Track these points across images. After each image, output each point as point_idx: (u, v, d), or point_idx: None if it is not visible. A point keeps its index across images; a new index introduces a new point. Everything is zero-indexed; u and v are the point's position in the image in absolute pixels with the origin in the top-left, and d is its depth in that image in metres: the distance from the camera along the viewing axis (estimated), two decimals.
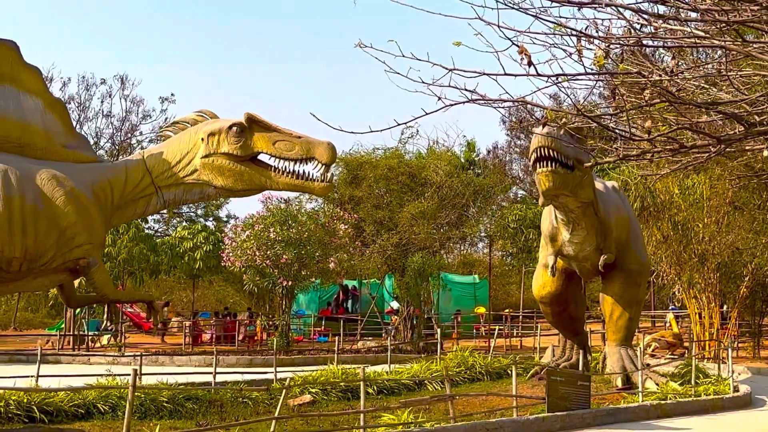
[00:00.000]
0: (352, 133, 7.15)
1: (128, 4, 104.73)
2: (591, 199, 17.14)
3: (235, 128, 11.84)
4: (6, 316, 46.28)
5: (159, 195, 12.29)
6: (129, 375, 11.66)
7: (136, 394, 11.27)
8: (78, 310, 32.59)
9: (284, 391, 13.09)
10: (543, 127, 15.39)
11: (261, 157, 11.93)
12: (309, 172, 11.81)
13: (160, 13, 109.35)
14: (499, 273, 56.56)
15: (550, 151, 15.20)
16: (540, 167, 15.45)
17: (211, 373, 17.53)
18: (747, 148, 7.85)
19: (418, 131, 42.83)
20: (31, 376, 16.64)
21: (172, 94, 62.42)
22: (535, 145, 15.36)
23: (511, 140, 61.87)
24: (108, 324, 33.18)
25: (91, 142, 36.75)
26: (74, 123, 12.52)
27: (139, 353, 25.26)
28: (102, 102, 53.49)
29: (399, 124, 7.06)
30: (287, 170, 11.85)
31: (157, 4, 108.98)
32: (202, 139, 12.00)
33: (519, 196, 55.28)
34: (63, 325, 35.12)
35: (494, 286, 52.58)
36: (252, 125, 11.88)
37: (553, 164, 15.48)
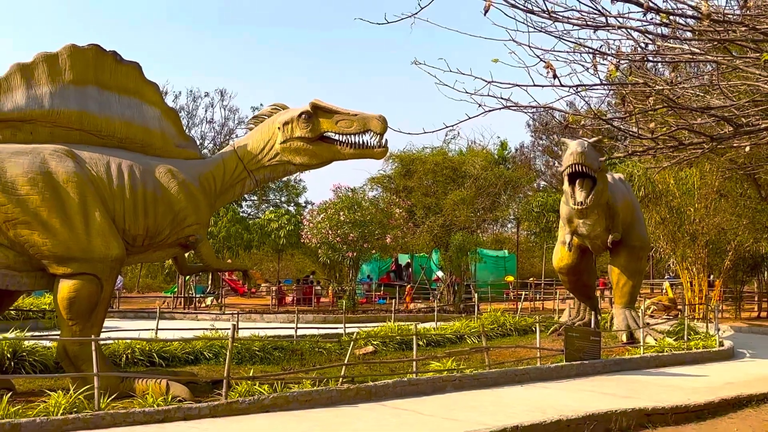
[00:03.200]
0: (409, 134, 7.14)
1: (227, 35, 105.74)
2: (607, 198, 17.03)
3: (303, 116, 11.87)
4: (131, 281, 47.12)
5: (251, 177, 12.37)
6: (228, 329, 11.79)
7: (234, 344, 11.37)
8: (188, 277, 33.07)
9: (352, 343, 13.13)
10: (578, 139, 15.43)
11: (328, 134, 11.96)
12: (367, 142, 11.80)
13: (257, 38, 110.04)
14: (524, 248, 56.18)
15: (582, 167, 15.23)
16: (572, 198, 15.69)
17: (293, 328, 17.61)
18: (734, 145, 7.67)
19: (459, 133, 42.78)
20: (152, 329, 16.88)
21: (261, 104, 62.58)
22: (570, 161, 15.28)
23: (535, 141, 61.21)
24: (211, 288, 33.63)
25: (197, 143, 37.17)
26: (184, 128, 12.63)
27: (236, 312, 25.55)
28: (206, 111, 53.92)
29: (448, 127, 7.09)
30: (350, 142, 11.86)
31: (250, 34, 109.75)
32: (279, 128, 12.03)
33: (541, 186, 54.55)
34: (176, 289, 35.62)
35: (521, 259, 52.28)
36: (317, 111, 11.89)
37: (582, 181, 15.61)
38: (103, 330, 10.99)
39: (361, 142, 11.83)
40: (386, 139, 11.90)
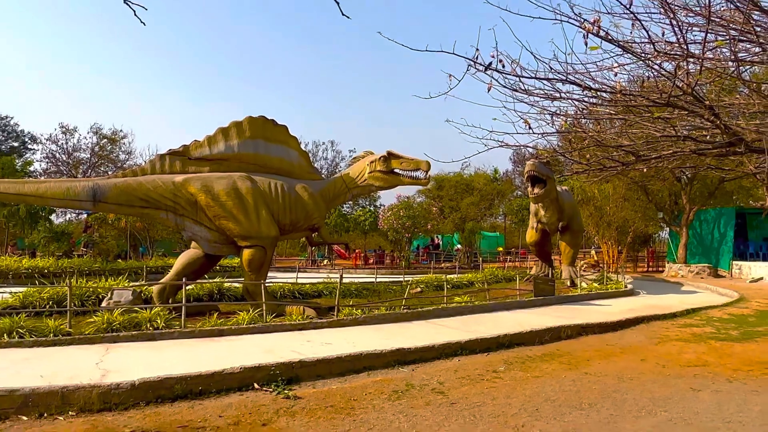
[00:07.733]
0: (444, 162, 7.08)
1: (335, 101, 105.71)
2: (555, 197, 16.70)
3: (382, 158, 11.91)
4: (281, 250, 47.71)
5: (349, 193, 12.47)
6: (337, 278, 11.95)
7: (340, 286, 11.50)
8: (314, 247, 33.52)
9: (408, 286, 13.17)
10: (533, 159, 15.17)
11: (396, 170, 11.97)
12: (418, 176, 11.79)
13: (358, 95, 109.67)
14: (509, 231, 55.07)
15: (535, 172, 14.98)
16: (531, 192, 15.50)
17: (373, 277, 17.75)
18: (636, 168, 7.44)
19: (470, 163, 42.27)
20: (293, 278, 17.22)
21: (354, 149, 62.84)
22: (527, 169, 15.20)
23: (514, 167, 60.03)
24: (327, 254, 34.04)
25: (320, 171, 37.33)
26: (312, 161, 12.84)
27: (341, 267, 25.82)
28: (323, 152, 54.29)
29: (467, 158, 7.11)
30: (408, 176, 11.85)
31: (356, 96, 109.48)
32: (368, 164, 12.07)
33: (518, 194, 53.46)
34: (307, 255, 36.13)
35: (507, 238, 51.39)
36: (390, 155, 11.93)
37: (538, 184, 15.40)
38: (267, 277, 11.28)
39: (414, 176, 11.81)
40: (429, 175, 11.93)
